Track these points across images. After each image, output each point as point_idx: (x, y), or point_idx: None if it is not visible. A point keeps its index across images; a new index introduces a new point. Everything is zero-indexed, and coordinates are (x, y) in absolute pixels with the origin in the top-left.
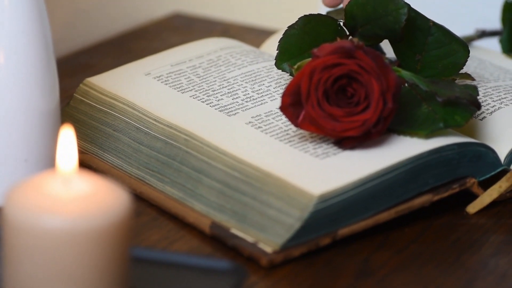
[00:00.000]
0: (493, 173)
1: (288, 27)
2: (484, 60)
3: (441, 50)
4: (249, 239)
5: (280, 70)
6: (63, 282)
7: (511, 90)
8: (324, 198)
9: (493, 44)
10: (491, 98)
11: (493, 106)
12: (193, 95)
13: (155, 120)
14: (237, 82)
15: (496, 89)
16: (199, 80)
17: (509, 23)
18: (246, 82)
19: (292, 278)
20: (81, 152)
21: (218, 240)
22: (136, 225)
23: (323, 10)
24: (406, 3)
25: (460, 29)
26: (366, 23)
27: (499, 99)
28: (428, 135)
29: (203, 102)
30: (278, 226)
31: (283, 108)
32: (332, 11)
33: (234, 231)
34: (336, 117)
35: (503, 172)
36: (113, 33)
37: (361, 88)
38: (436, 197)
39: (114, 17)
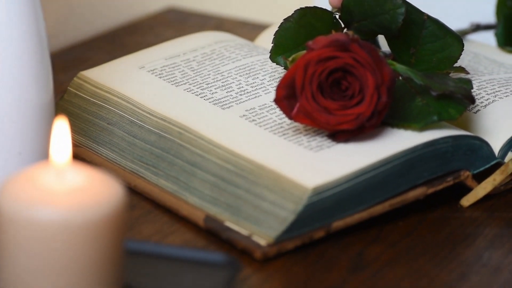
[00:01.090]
0: (487, 166)
1: (284, 20)
2: (479, 54)
3: (436, 44)
4: (243, 232)
5: (274, 64)
6: (57, 274)
7: (505, 83)
8: (318, 191)
9: (488, 38)
10: (485, 91)
11: (487, 99)
12: (187, 89)
13: (149, 113)
14: (231, 76)
15: (490, 82)
16: (193, 73)
17: (504, 17)
18: (240, 76)
19: (286, 271)
20: (75, 145)
21: (212, 233)
22: (130, 218)
23: (318, 4)
24: (403, 2)
25: (455, 23)
26: (362, 19)
27: (493, 92)
28: (422, 128)
29: (197, 95)
30: (272, 219)
31: (277, 101)
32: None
33: (228, 224)
34: (330, 110)
35: (497, 165)
36: (108, 27)
37: (356, 81)
38: (431, 190)
39: (108, 12)
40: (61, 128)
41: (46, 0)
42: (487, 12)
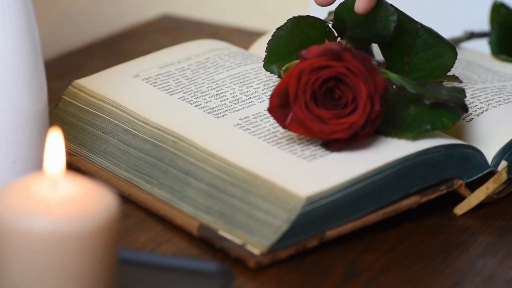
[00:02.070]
0: (480, 175)
1: (277, 29)
2: (472, 62)
3: (429, 52)
4: (237, 241)
5: (268, 72)
6: (51, 284)
7: (498, 92)
8: (312, 200)
9: (482, 46)
10: (478, 99)
11: (480, 108)
12: (181, 97)
13: (143, 122)
14: (226, 84)
15: (484, 91)
16: (188, 82)
17: (498, 24)
18: (235, 84)
19: (280, 279)
20: (70, 154)
21: (206, 242)
22: (124, 227)
23: (313, 12)
24: (396, 10)
25: (449, 31)
26: (355, 27)
27: (487, 101)
28: (416, 136)
29: (191, 104)
30: (266, 228)
31: (271, 110)
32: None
33: (222, 233)
34: (324, 119)
35: (490, 174)
36: (103, 34)
37: (349, 90)
38: (424, 199)
39: (103, 19)
40: (55, 137)
41: (42, 7)
42: (481, 20)
